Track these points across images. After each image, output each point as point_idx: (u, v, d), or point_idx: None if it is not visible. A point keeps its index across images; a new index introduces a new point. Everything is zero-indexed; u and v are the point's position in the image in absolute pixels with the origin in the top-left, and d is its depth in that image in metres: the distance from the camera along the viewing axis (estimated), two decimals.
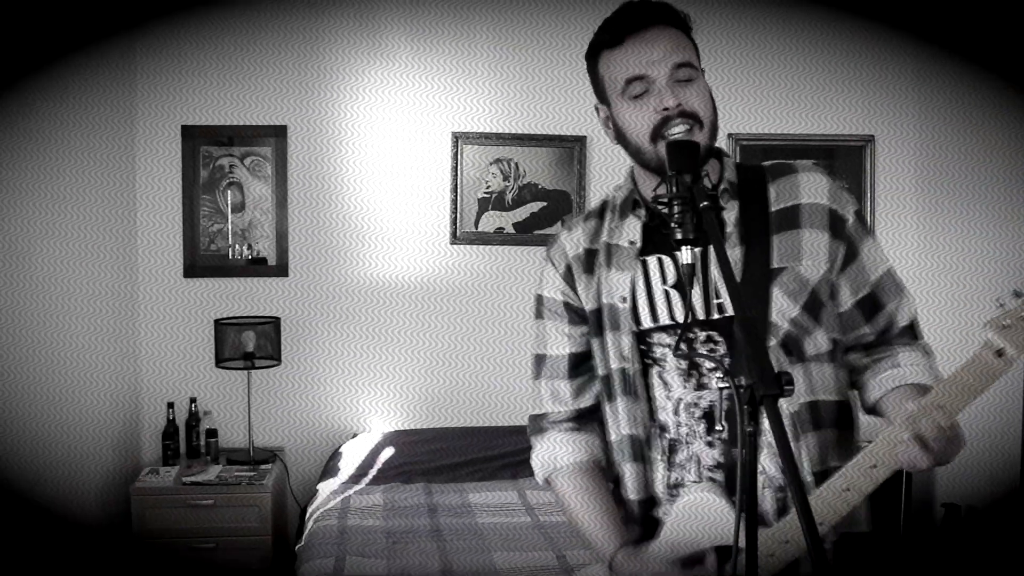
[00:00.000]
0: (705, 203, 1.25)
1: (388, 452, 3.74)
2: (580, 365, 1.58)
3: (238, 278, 3.91)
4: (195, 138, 3.86)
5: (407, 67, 3.95)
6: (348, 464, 3.66)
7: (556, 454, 1.58)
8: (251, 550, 3.48)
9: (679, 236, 1.26)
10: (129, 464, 3.75)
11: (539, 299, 1.63)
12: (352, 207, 3.95)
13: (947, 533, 3.82)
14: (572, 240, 1.58)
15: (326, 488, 3.51)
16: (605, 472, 1.58)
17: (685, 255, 1.27)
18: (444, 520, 3.17)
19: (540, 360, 1.62)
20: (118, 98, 3.71)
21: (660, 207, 1.31)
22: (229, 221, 3.90)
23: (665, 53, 1.41)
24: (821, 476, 1.38)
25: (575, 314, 1.57)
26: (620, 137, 1.49)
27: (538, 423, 1.62)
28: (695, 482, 1.47)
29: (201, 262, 3.90)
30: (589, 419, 1.59)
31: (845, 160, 4.14)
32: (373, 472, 3.62)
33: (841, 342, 1.50)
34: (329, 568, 2.76)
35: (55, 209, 3.12)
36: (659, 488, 1.50)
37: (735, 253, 1.43)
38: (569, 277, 1.57)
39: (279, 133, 3.89)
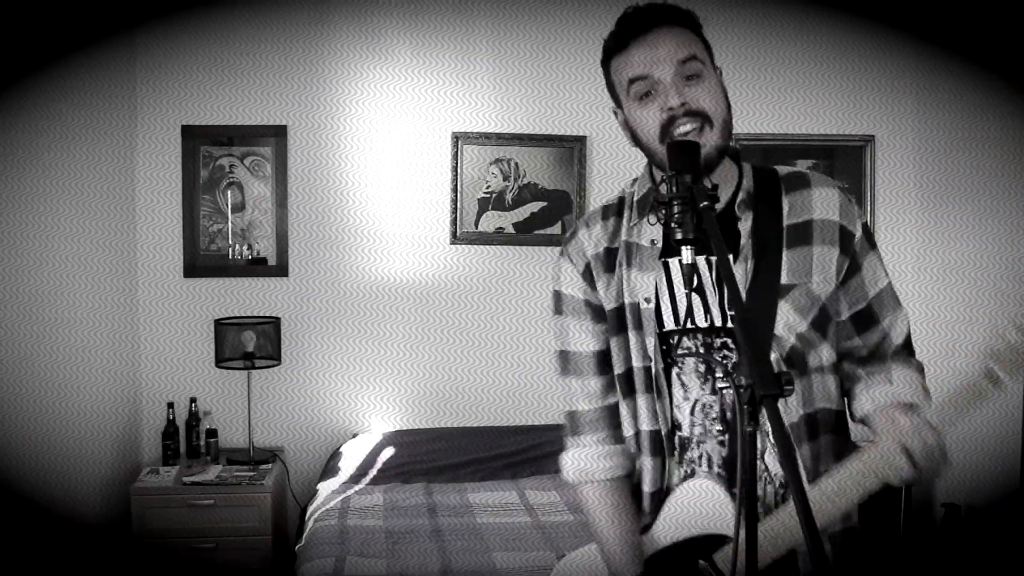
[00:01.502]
0: (705, 203, 1.26)
1: (388, 452, 3.74)
2: (606, 362, 1.58)
3: (238, 278, 3.92)
4: (195, 138, 3.86)
5: (407, 67, 3.95)
6: (348, 464, 3.66)
7: (594, 466, 1.58)
8: (251, 550, 3.48)
9: (679, 236, 1.27)
10: (129, 464, 3.75)
11: (558, 295, 1.61)
12: (352, 207, 3.96)
13: (947, 533, 3.82)
14: (592, 238, 1.57)
15: (326, 488, 3.51)
16: (633, 488, 1.59)
17: (685, 255, 1.28)
18: (444, 520, 3.17)
19: (565, 356, 1.61)
20: (118, 98, 3.71)
21: (660, 207, 1.31)
22: (229, 221, 3.90)
23: (669, 52, 1.41)
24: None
25: (596, 312, 1.57)
26: (635, 139, 1.50)
27: (574, 422, 1.61)
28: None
29: (201, 262, 3.90)
30: (617, 419, 1.59)
31: (845, 160, 4.15)
32: (373, 472, 3.62)
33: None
34: (329, 568, 2.76)
35: (55, 209, 3.12)
36: (674, 482, 1.53)
37: (748, 265, 1.45)
38: (588, 275, 1.56)
39: (279, 133, 3.89)
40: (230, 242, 3.90)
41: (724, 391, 1.46)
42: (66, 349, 3.19)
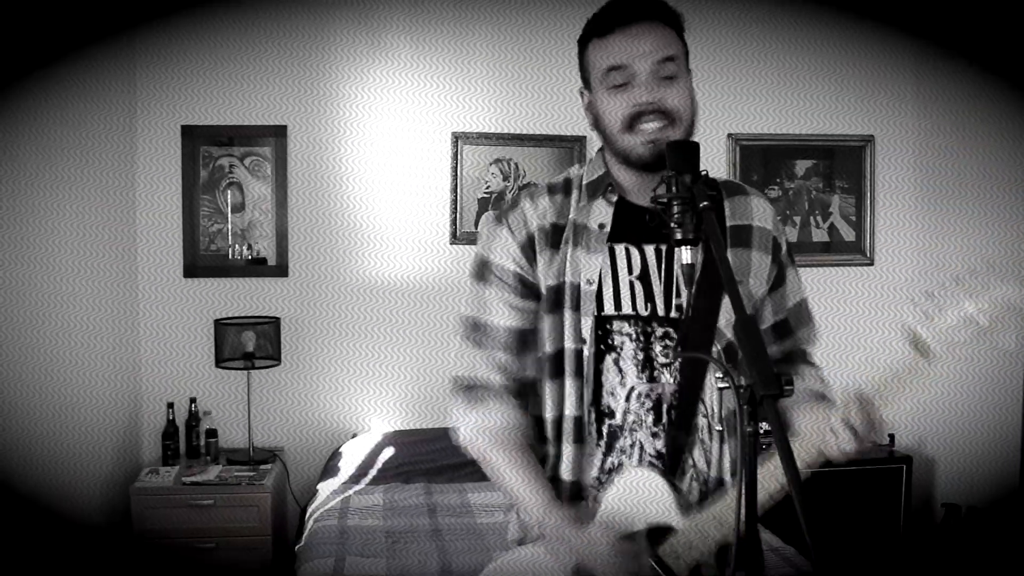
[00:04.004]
0: (705, 203, 1.26)
1: (388, 452, 3.74)
2: (523, 339, 1.54)
3: (238, 278, 3.91)
4: (195, 138, 3.86)
5: (407, 67, 3.95)
6: (348, 464, 3.66)
7: (486, 419, 1.53)
8: (251, 550, 3.48)
9: (679, 236, 1.27)
10: (129, 464, 3.75)
11: (485, 262, 1.56)
12: (352, 207, 3.95)
13: (947, 533, 3.82)
14: (537, 211, 1.54)
15: (326, 488, 3.51)
16: (531, 441, 1.57)
17: (685, 255, 1.28)
18: (444, 520, 3.17)
19: (478, 325, 1.55)
20: (118, 98, 3.71)
21: (659, 207, 1.31)
22: (229, 221, 3.90)
23: (650, 48, 1.44)
24: None
25: (525, 287, 1.53)
26: (596, 123, 1.52)
27: (470, 388, 1.55)
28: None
29: (201, 262, 3.89)
30: (521, 392, 1.56)
31: (845, 160, 4.14)
32: (373, 472, 3.62)
33: None
34: (329, 568, 2.77)
35: (55, 209, 3.12)
36: (594, 472, 1.52)
37: (699, 259, 1.45)
38: (529, 249, 1.53)
39: (279, 133, 3.89)
40: (230, 242, 3.90)
41: (722, 390, 1.47)
42: (66, 349, 3.19)
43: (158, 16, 3.81)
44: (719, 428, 1.50)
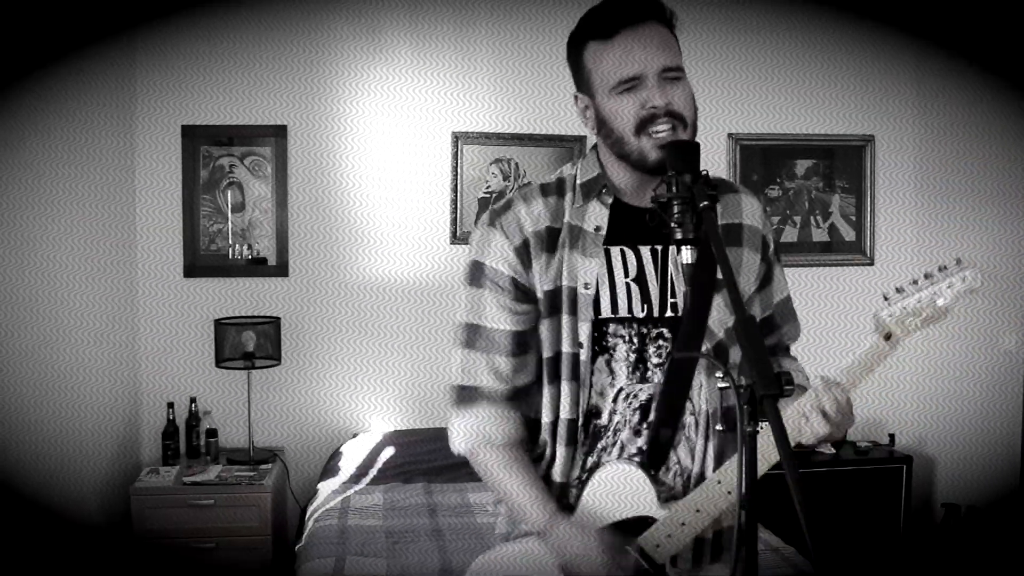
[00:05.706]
0: (705, 203, 1.26)
1: (388, 452, 3.74)
2: (522, 343, 1.53)
3: (238, 278, 3.91)
4: (195, 138, 3.86)
5: (407, 67, 3.95)
6: (348, 464, 3.66)
7: (486, 429, 1.54)
8: (251, 550, 3.48)
9: (679, 236, 1.28)
10: (129, 464, 3.75)
11: (478, 266, 1.52)
12: (352, 207, 3.95)
13: (947, 533, 3.82)
14: (532, 214, 1.51)
15: (326, 488, 3.51)
16: (528, 449, 1.58)
17: (685, 255, 1.28)
18: (444, 520, 3.17)
19: (475, 330, 1.53)
20: (118, 98, 3.71)
21: (659, 207, 1.31)
22: (229, 221, 3.90)
23: (657, 52, 1.43)
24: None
25: (520, 291, 1.51)
26: (602, 127, 1.49)
27: (468, 394, 1.55)
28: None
29: (201, 262, 3.89)
30: (521, 397, 1.56)
31: (845, 160, 4.14)
32: (373, 472, 3.62)
33: None
34: (329, 568, 2.77)
35: (55, 209, 3.12)
36: (575, 472, 1.54)
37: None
38: (524, 253, 1.50)
39: (279, 133, 3.89)
40: (230, 242, 3.90)
41: (723, 389, 1.48)
42: (66, 349, 3.19)
43: (158, 16, 3.81)
44: (720, 428, 1.51)
